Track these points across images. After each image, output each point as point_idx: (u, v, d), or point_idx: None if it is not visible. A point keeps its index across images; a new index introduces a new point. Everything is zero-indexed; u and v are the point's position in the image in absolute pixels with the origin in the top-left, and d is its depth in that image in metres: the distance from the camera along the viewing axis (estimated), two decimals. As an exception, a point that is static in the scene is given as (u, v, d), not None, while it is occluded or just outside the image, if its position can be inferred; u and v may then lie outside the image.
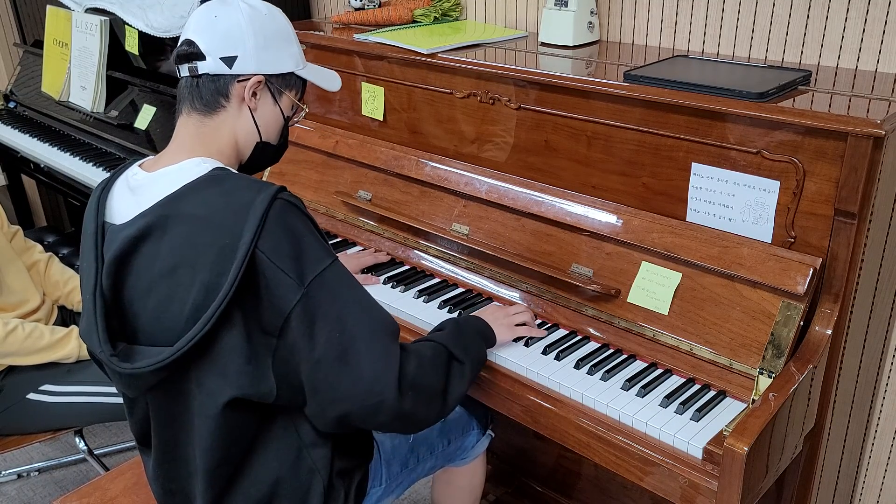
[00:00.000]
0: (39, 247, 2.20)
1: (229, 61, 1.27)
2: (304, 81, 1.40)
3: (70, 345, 1.93)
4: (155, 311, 1.19)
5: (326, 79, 1.45)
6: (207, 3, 1.30)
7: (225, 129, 1.30)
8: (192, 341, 1.13)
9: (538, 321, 1.59)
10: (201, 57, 1.26)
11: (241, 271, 1.11)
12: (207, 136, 1.29)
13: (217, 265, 1.13)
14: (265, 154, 1.38)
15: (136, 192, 1.24)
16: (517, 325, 1.53)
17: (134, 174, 1.27)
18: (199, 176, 1.21)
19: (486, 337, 1.46)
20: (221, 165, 1.26)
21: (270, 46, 1.30)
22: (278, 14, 1.34)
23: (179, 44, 1.29)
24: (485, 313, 1.52)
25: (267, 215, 1.14)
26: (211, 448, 1.22)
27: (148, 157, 1.33)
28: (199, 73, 1.27)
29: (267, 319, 1.15)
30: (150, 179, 1.24)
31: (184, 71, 1.29)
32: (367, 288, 1.73)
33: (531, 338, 1.53)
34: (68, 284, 2.16)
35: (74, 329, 1.96)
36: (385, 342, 1.21)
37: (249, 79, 1.29)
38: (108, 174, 2.53)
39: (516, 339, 1.52)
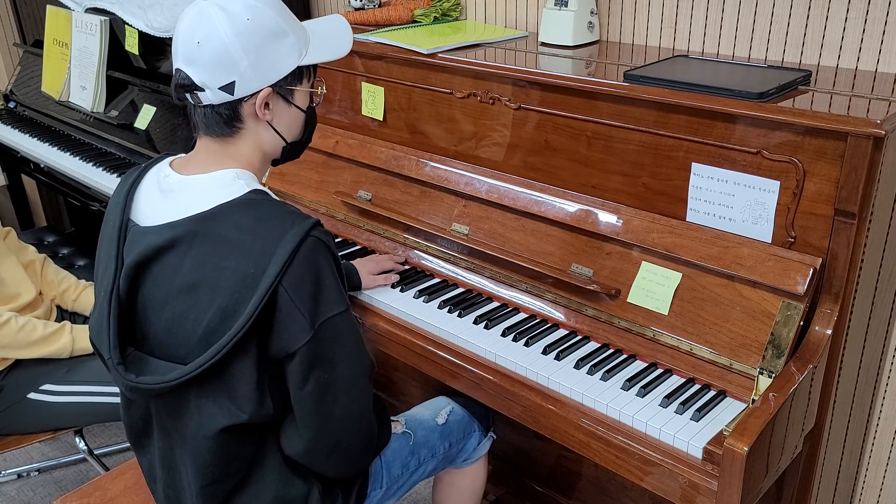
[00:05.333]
0: (33, 248, 2.21)
1: (229, 88, 1.20)
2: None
3: (63, 339, 1.93)
4: (168, 323, 1.18)
5: (332, 47, 1.35)
6: (184, 22, 1.20)
7: (248, 145, 1.27)
8: (203, 367, 1.13)
9: (537, 320, 1.59)
10: (199, 88, 1.20)
11: (261, 304, 1.11)
12: (232, 153, 1.26)
13: (237, 292, 1.13)
14: (294, 149, 1.36)
15: (166, 195, 1.22)
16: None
17: (166, 175, 1.25)
18: (236, 197, 1.18)
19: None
20: (258, 187, 1.23)
21: (265, 55, 1.21)
22: (259, 10, 1.20)
23: (175, 70, 1.22)
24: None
25: (297, 251, 1.13)
26: (206, 465, 1.22)
27: (178, 156, 1.31)
28: (204, 104, 1.22)
29: (273, 349, 1.17)
30: (182, 184, 1.22)
31: (188, 99, 1.23)
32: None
33: (531, 337, 1.52)
34: (62, 284, 2.17)
35: (67, 324, 1.96)
36: (361, 385, 1.25)
37: (257, 95, 1.23)
38: (107, 174, 2.57)
39: (515, 339, 1.52)
